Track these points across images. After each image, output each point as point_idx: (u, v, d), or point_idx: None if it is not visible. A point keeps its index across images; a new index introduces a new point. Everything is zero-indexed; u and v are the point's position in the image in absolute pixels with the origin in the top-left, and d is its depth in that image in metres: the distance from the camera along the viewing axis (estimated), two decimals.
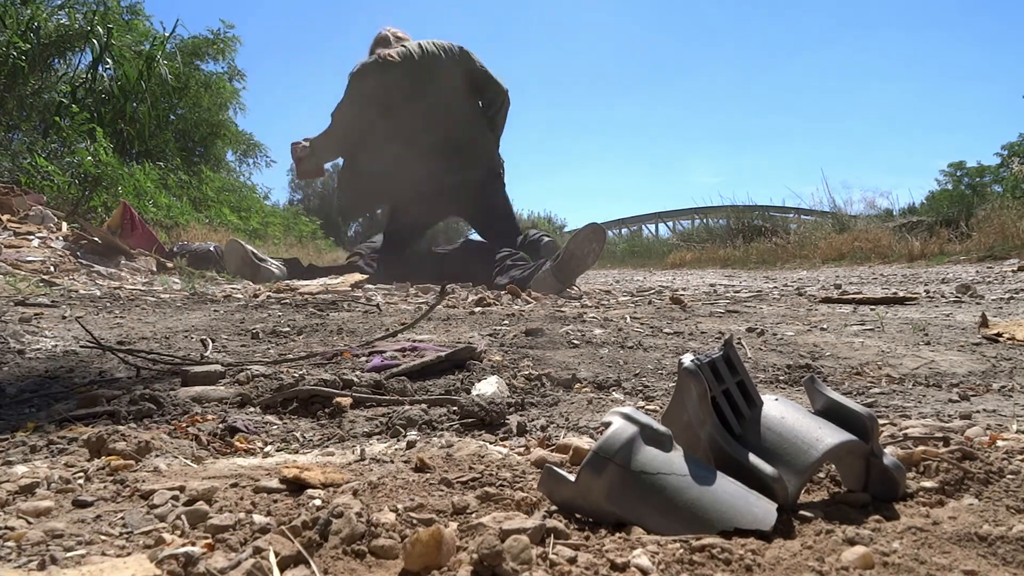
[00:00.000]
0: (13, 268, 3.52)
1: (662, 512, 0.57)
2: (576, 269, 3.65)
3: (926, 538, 0.55)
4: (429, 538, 0.51)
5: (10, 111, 6.78)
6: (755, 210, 12.37)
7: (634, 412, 0.62)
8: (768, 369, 1.43)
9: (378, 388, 1.21)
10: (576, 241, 3.61)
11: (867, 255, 7.62)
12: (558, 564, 0.50)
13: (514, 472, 0.74)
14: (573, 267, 3.63)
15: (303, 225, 12.47)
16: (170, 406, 1.09)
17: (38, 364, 1.49)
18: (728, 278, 6.55)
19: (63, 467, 0.79)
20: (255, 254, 4.43)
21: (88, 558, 0.54)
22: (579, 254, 3.61)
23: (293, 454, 0.89)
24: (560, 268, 3.61)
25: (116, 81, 8.00)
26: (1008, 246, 6.28)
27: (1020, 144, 11.03)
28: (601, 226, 3.80)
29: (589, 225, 3.73)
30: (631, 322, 2.22)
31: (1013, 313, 2.37)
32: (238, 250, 4.45)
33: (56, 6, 7.90)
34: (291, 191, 23.89)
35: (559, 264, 3.61)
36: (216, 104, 10.07)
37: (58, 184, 5.87)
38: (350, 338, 1.88)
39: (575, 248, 3.59)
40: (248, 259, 4.36)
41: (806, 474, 0.62)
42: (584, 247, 3.61)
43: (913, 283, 4.31)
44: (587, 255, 3.64)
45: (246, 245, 4.53)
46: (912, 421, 0.94)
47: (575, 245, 3.60)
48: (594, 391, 1.25)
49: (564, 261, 3.60)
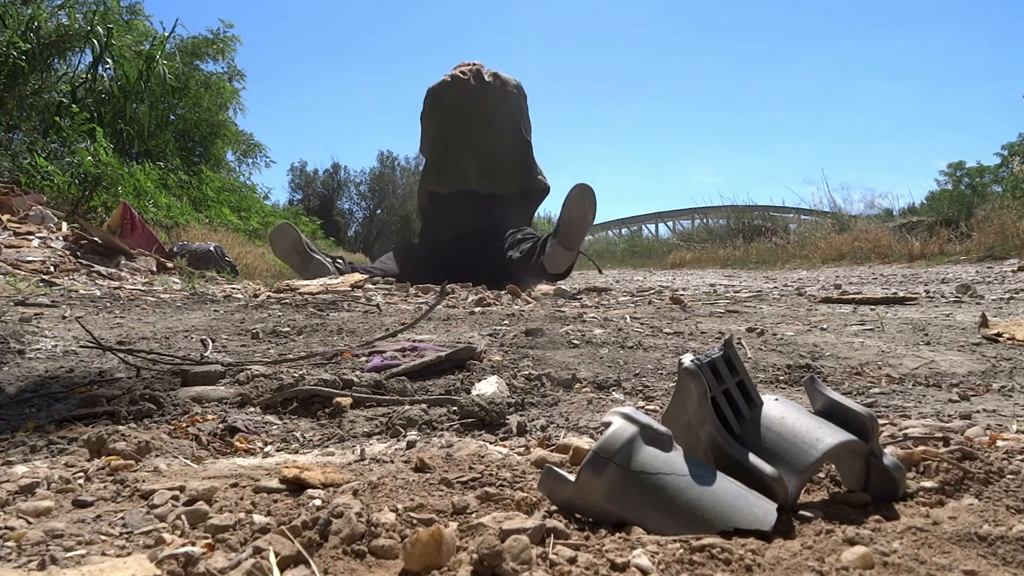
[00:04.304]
0: (13, 268, 3.52)
1: (662, 512, 0.57)
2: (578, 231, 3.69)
3: (926, 538, 0.55)
4: (429, 538, 0.51)
5: (10, 111, 6.78)
6: (755, 210, 12.37)
7: (634, 412, 0.62)
8: (768, 369, 1.43)
9: (378, 388, 1.20)
10: (569, 206, 3.67)
11: (867, 255, 7.62)
12: (558, 564, 0.50)
13: (514, 472, 0.74)
14: (575, 230, 3.68)
15: (303, 225, 12.46)
16: (170, 406, 1.09)
17: (38, 364, 1.49)
18: (728, 278, 6.55)
19: (63, 467, 0.79)
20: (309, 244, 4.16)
21: (88, 558, 0.54)
22: (576, 215, 3.66)
23: (293, 454, 0.89)
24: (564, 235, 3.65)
25: (116, 81, 7.99)
26: (1008, 246, 6.28)
27: (1020, 144, 11.02)
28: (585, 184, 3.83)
29: (575, 187, 3.77)
30: (631, 322, 2.22)
31: (1013, 313, 2.37)
32: (290, 235, 4.15)
33: (56, 6, 7.90)
34: (291, 191, 23.94)
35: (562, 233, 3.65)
36: (216, 104, 10.06)
37: (58, 184, 5.87)
38: (350, 338, 1.88)
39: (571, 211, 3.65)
40: (300, 247, 4.09)
41: (806, 474, 0.62)
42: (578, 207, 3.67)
43: (913, 283, 4.31)
44: (584, 213, 3.69)
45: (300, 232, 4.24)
46: (912, 421, 0.94)
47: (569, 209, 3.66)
48: (594, 391, 1.25)
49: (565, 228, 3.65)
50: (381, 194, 26.68)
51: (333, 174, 26.95)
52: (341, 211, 26.62)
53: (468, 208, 4.52)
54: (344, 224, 26.02)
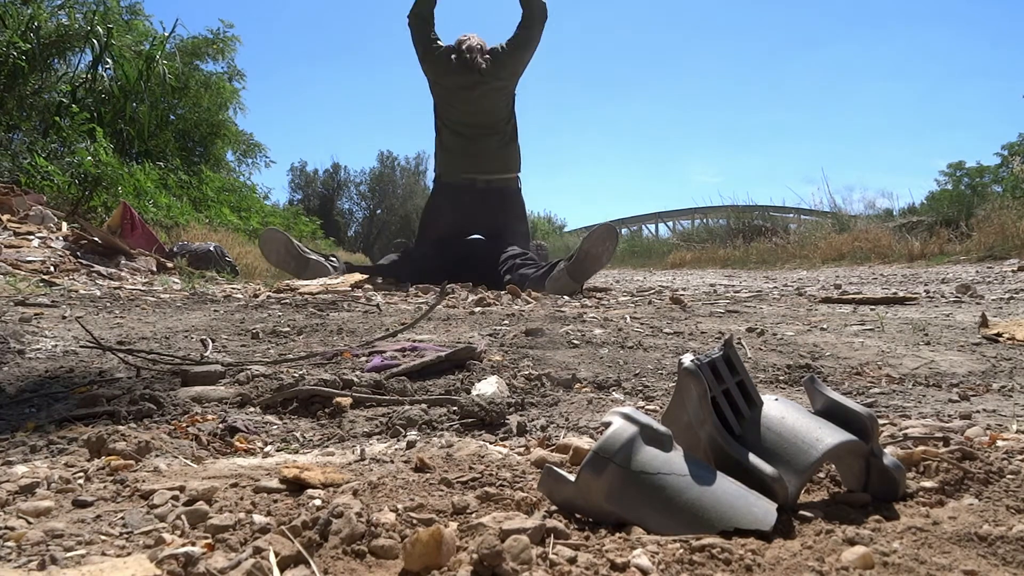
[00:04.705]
0: (13, 268, 3.52)
1: (662, 512, 0.57)
2: (591, 268, 3.69)
3: (926, 538, 0.55)
4: (429, 538, 0.51)
5: (10, 111, 6.78)
6: (755, 210, 12.37)
7: (634, 412, 0.62)
8: (768, 369, 1.43)
9: (378, 388, 1.21)
10: (591, 240, 3.66)
11: (867, 255, 7.63)
12: (558, 564, 0.50)
13: (514, 472, 0.74)
14: (588, 266, 3.67)
15: (303, 225, 12.46)
16: (170, 406, 1.09)
17: (38, 364, 1.49)
18: (728, 278, 6.55)
19: (63, 467, 0.79)
20: (300, 247, 4.09)
21: (88, 558, 0.54)
22: (594, 253, 3.66)
23: (293, 454, 0.89)
24: (575, 267, 3.65)
25: (116, 81, 7.99)
26: (1008, 246, 6.28)
27: (1020, 144, 11.03)
28: (614, 226, 3.92)
29: (603, 225, 3.82)
30: (631, 322, 2.22)
31: (1013, 313, 2.37)
32: (279, 239, 4.07)
33: (56, 6, 7.90)
34: (291, 191, 23.94)
35: (574, 263, 3.65)
36: (216, 104, 10.06)
37: (58, 184, 5.87)
38: (350, 338, 1.88)
39: (590, 247, 3.64)
40: (293, 251, 4.03)
41: (806, 474, 0.62)
42: (599, 246, 3.67)
43: (913, 283, 4.31)
44: (602, 254, 3.69)
45: (289, 235, 4.15)
46: (912, 421, 0.94)
47: (590, 244, 3.64)
48: (594, 391, 1.25)
49: (579, 260, 3.64)
50: (381, 194, 26.71)
51: (333, 174, 26.99)
52: (341, 211, 26.66)
53: (469, 199, 4.51)
54: (344, 224, 26.05)
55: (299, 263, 4.04)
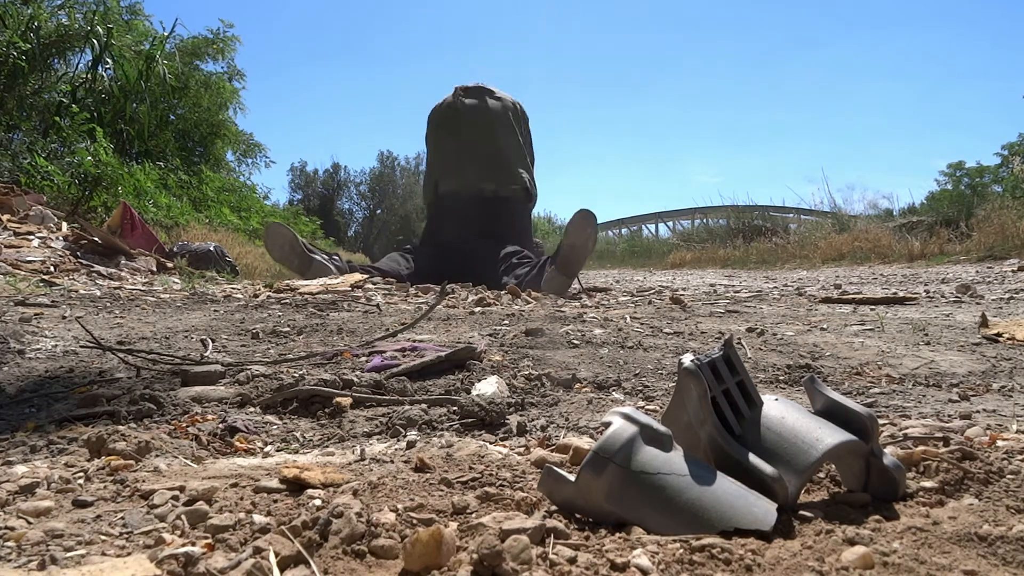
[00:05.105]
0: (13, 268, 3.52)
1: (662, 512, 0.57)
2: (578, 259, 3.69)
3: (926, 538, 0.55)
4: (429, 538, 0.51)
5: (10, 111, 6.78)
6: (755, 210, 12.37)
7: (634, 412, 0.62)
8: (768, 369, 1.43)
9: (378, 388, 1.20)
10: (571, 233, 3.66)
11: (867, 255, 7.63)
12: (558, 564, 0.50)
13: (514, 472, 0.74)
14: (574, 257, 3.67)
15: (303, 225, 12.45)
16: (170, 406, 1.09)
17: (38, 364, 1.49)
18: (728, 278, 6.55)
19: (63, 467, 0.79)
20: (306, 244, 4.05)
21: (88, 558, 0.54)
22: (577, 243, 3.65)
23: (293, 454, 0.89)
24: (563, 262, 3.64)
25: (116, 81, 7.99)
26: (1008, 246, 6.28)
27: (1020, 144, 11.02)
28: (588, 210, 3.83)
29: (578, 213, 3.76)
30: (631, 322, 2.22)
31: (1013, 313, 2.37)
32: (285, 235, 4.03)
33: (56, 6, 7.90)
34: (291, 191, 23.94)
35: (561, 259, 3.64)
36: (216, 104, 10.05)
37: (58, 184, 5.87)
38: (350, 338, 1.88)
39: (573, 239, 3.63)
40: (298, 248, 3.99)
41: (806, 474, 0.62)
42: (580, 235, 3.66)
43: (913, 283, 4.31)
44: (585, 241, 3.68)
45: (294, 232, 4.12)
46: (912, 421, 0.94)
47: (571, 235, 3.64)
48: (594, 391, 1.25)
49: (565, 255, 3.64)
50: (381, 194, 26.69)
51: (333, 174, 26.97)
52: (341, 211, 26.64)
53: (472, 208, 4.53)
54: (344, 224, 26.04)
55: (303, 261, 4.02)
